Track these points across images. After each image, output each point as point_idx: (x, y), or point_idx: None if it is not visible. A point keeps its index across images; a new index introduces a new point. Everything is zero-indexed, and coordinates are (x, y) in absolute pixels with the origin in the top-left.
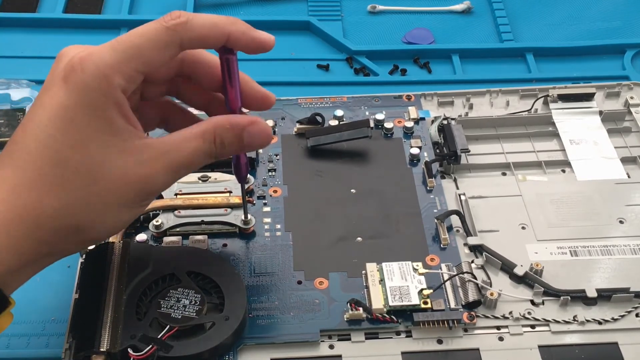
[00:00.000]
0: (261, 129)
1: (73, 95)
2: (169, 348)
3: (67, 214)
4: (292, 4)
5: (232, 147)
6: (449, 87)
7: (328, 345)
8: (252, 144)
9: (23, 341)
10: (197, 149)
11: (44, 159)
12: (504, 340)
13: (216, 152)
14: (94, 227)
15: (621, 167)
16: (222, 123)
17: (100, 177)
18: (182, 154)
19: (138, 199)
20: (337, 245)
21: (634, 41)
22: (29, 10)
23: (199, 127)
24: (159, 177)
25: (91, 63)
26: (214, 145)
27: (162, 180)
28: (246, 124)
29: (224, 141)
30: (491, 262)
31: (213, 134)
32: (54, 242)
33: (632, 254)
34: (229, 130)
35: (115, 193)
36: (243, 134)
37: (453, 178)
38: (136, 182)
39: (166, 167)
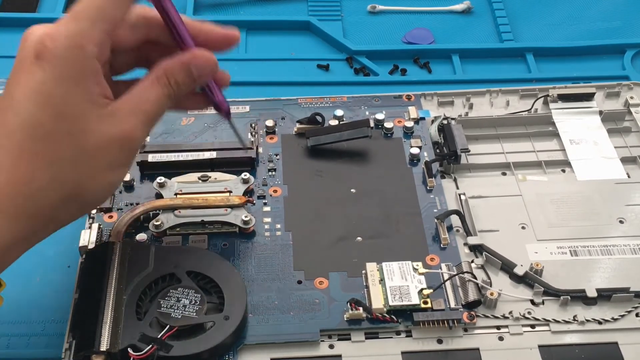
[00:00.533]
0: (205, 58)
1: (48, 70)
2: (169, 348)
3: (59, 185)
4: (292, 4)
5: (186, 83)
6: (449, 87)
7: (328, 345)
8: (203, 74)
9: (23, 341)
10: (158, 94)
11: (25, 134)
12: (504, 340)
13: (175, 92)
14: (88, 192)
15: (621, 167)
16: (169, 64)
17: (85, 144)
18: (149, 104)
19: (122, 156)
20: (337, 245)
21: (634, 41)
22: (29, 10)
23: (152, 74)
24: (137, 130)
25: (61, 36)
26: (171, 87)
27: (140, 133)
28: (189, 58)
29: (177, 80)
30: (491, 262)
31: (165, 76)
32: (49, 215)
33: (632, 253)
34: (177, 68)
35: (103, 156)
36: (190, 68)
37: (453, 178)
38: (119, 141)
39: (139, 121)
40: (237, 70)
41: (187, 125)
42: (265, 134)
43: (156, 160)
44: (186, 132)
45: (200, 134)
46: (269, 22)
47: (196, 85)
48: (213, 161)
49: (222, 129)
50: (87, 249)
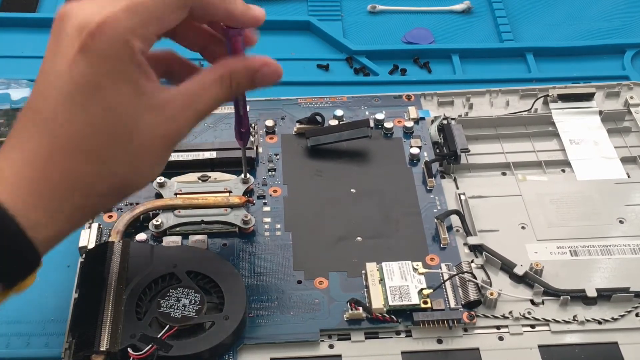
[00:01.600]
0: (274, 69)
1: (95, 64)
2: (168, 347)
3: (106, 178)
4: (292, 4)
5: (245, 88)
6: (449, 87)
7: (328, 345)
8: (264, 83)
9: (23, 341)
10: (217, 94)
11: (75, 128)
12: (503, 340)
13: (231, 94)
14: (132, 185)
15: (621, 167)
16: (237, 67)
17: (133, 137)
18: (204, 102)
19: (166, 151)
20: (337, 245)
21: (634, 41)
22: (29, 10)
23: (215, 72)
24: (185, 128)
25: (111, 29)
26: (230, 89)
27: (188, 129)
28: (259, 66)
29: (239, 83)
30: (491, 261)
31: (229, 78)
32: (94, 204)
33: (632, 253)
34: (243, 72)
35: (150, 149)
36: (256, 75)
37: (453, 178)
38: (166, 135)
39: (191, 117)
40: None
41: None
42: (265, 134)
43: None
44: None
45: (200, 134)
46: (269, 22)
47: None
48: (213, 161)
49: (222, 129)
50: (87, 248)
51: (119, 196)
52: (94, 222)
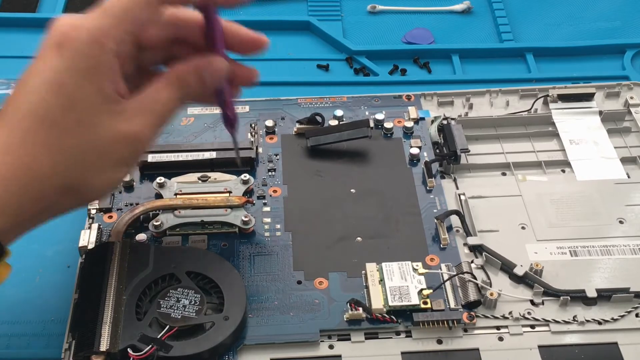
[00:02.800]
0: (217, 65)
1: (66, 61)
2: (168, 348)
3: (62, 173)
4: (292, 4)
5: (197, 87)
6: (449, 87)
7: (328, 345)
8: (213, 80)
9: (23, 341)
10: (169, 97)
11: (35, 120)
12: (503, 340)
13: (186, 95)
14: (89, 186)
15: (621, 167)
16: (182, 68)
17: (93, 137)
18: (159, 105)
19: (129, 154)
20: (337, 245)
21: (634, 41)
22: (29, 10)
23: (165, 77)
24: (147, 130)
25: (83, 29)
26: (181, 90)
27: (149, 133)
28: (204, 64)
29: (188, 83)
30: (491, 262)
31: (177, 79)
32: (50, 199)
33: (632, 254)
34: (190, 73)
35: (110, 152)
36: (203, 73)
37: (453, 178)
38: (127, 139)
39: (150, 119)
40: None
41: (187, 126)
42: (265, 134)
43: (156, 161)
44: (186, 132)
45: (200, 134)
46: (269, 22)
47: (208, 90)
48: (213, 161)
49: (221, 129)
50: (87, 249)
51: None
52: (94, 223)
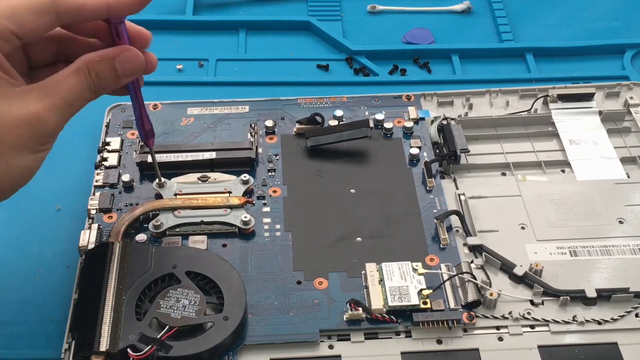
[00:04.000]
0: (132, 54)
1: None
2: (168, 348)
3: None
4: (292, 4)
5: (109, 78)
6: (449, 87)
7: (327, 346)
8: (127, 71)
9: (23, 341)
10: (75, 83)
11: None
12: (503, 340)
13: (95, 85)
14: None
15: (621, 167)
16: (92, 57)
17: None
18: (63, 90)
19: (33, 139)
20: (336, 245)
21: (634, 41)
22: None
23: (72, 65)
24: (48, 114)
25: None
26: (91, 79)
27: (52, 117)
28: (116, 53)
29: (99, 74)
30: (491, 262)
31: (86, 68)
32: None
33: (632, 254)
34: (100, 62)
35: (7, 136)
36: (115, 63)
37: (453, 178)
38: (25, 122)
39: (51, 104)
40: (237, 70)
41: (187, 126)
42: (264, 134)
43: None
44: (185, 133)
45: (199, 135)
46: (269, 22)
47: (121, 82)
48: (213, 161)
49: (221, 129)
50: (87, 249)
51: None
52: (94, 223)
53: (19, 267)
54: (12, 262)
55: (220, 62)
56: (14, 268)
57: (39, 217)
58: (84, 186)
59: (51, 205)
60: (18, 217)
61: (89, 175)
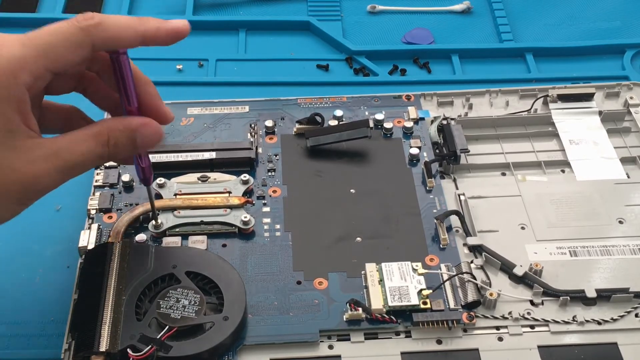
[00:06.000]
0: (153, 130)
1: None
2: (168, 348)
3: None
4: (292, 4)
5: (126, 148)
6: (449, 87)
7: (327, 346)
8: (145, 144)
9: (23, 341)
10: (89, 150)
11: None
12: (503, 340)
13: (109, 154)
14: None
15: (621, 167)
16: (114, 125)
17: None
18: (74, 155)
19: (23, 196)
20: (336, 245)
21: (634, 41)
22: (29, 10)
23: (91, 128)
24: (48, 177)
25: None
26: (107, 147)
27: (51, 181)
28: (138, 125)
29: (117, 143)
30: (491, 262)
31: (106, 135)
32: None
33: (632, 254)
34: (122, 132)
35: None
36: (136, 135)
37: (452, 178)
38: (22, 179)
39: (56, 167)
40: (237, 70)
41: (187, 126)
42: (264, 134)
43: (156, 161)
44: (185, 133)
45: (199, 135)
46: (269, 22)
47: (135, 153)
48: (212, 161)
49: (221, 129)
50: (87, 249)
51: None
52: (94, 223)
53: (19, 267)
54: (12, 262)
55: (220, 62)
56: (14, 268)
57: (39, 217)
58: (83, 186)
59: (51, 205)
60: (18, 217)
61: (89, 175)
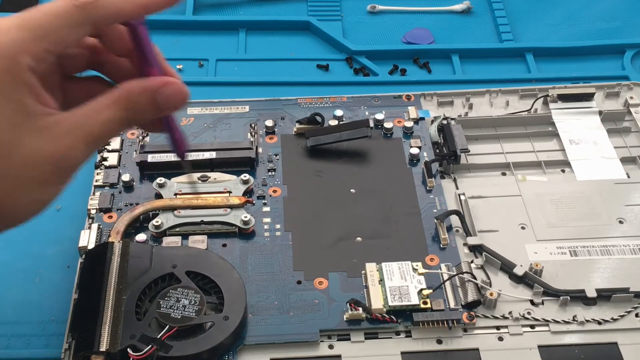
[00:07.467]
0: (176, 89)
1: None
2: (168, 348)
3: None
4: (292, 4)
5: (147, 111)
6: (449, 87)
7: (328, 345)
8: (168, 105)
9: (23, 341)
10: (111, 117)
11: None
12: (503, 340)
13: (131, 119)
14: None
15: (621, 167)
16: (134, 88)
17: (11, 156)
18: (96, 124)
19: (56, 175)
20: (336, 245)
21: (634, 41)
22: None
23: (111, 95)
24: (76, 151)
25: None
26: (129, 112)
27: (79, 153)
28: (159, 85)
29: (137, 106)
30: (491, 262)
31: (126, 100)
32: None
33: (632, 254)
34: (141, 94)
35: (30, 171)
36: (156, 96)
37: (453, 178)
38: (51, 157)
39: (81, 139)
40: (237, 70)
41: (187, 126)
42: (264, 134)
43: (156, 161)
44: (186, 132)
45: (199, 134)
46: (269, 22)
47: (159, 115)
48: (213, 161)
49: (221, 129)
50: (87, 249)
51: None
52: (94, 223)
53: (19, 267)
54: (12, 262)
55: (220, 62)
56: (14, 268)
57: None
58: (83, 186)
59: (51, 205)
60: None
61: (89, 175)
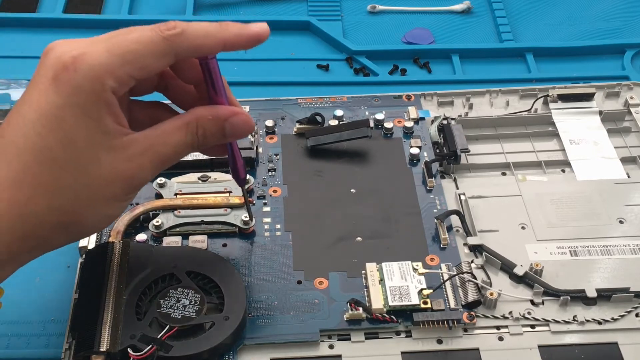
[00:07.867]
0: (243, 120)
1: (63, 95)
2: (168, 348)
3: (56, 211)
4: (292, 4)
5: (214, 138)
6: (449, 87)
7: (328, 345)
8: (235, 134)
9: (23, 341)
10: (180, 141)
11: (32, 156)
12: (503, 340)
13: (199, 143)
14: (83, 223)
15: (621, 167)
16: (204, 114)
17: (88, 174)
18: (167, 147)
19: (125, 193)
20: (337, 245)
21: (634, 41)
22: (29, 10)
23: (181, 119)
24: (145, 171)
25: (85, 64)
26: (197, 137)
27: (148, 174)
28: (228, 114)
29: (205, 132)
30: (491, 262)
31: (196, 126)
32: (43, 236)
33: (632, 254)
34: (211, 121)
35: (104, 189)
36: (225, 124)
37: (453, 178)
38: (124, 177)
39: (152, 161)
40: (237, 70)
41: None
42: (265, 134)
43: None
44: None
45: None
46: (269, 22)
47: (223, 142)
48: (213, 161)
49: None
50: (87, 249)
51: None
52: None
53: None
54: None
55: (220, 62)
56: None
57: None
58: None
59: None
60: None
61: None
